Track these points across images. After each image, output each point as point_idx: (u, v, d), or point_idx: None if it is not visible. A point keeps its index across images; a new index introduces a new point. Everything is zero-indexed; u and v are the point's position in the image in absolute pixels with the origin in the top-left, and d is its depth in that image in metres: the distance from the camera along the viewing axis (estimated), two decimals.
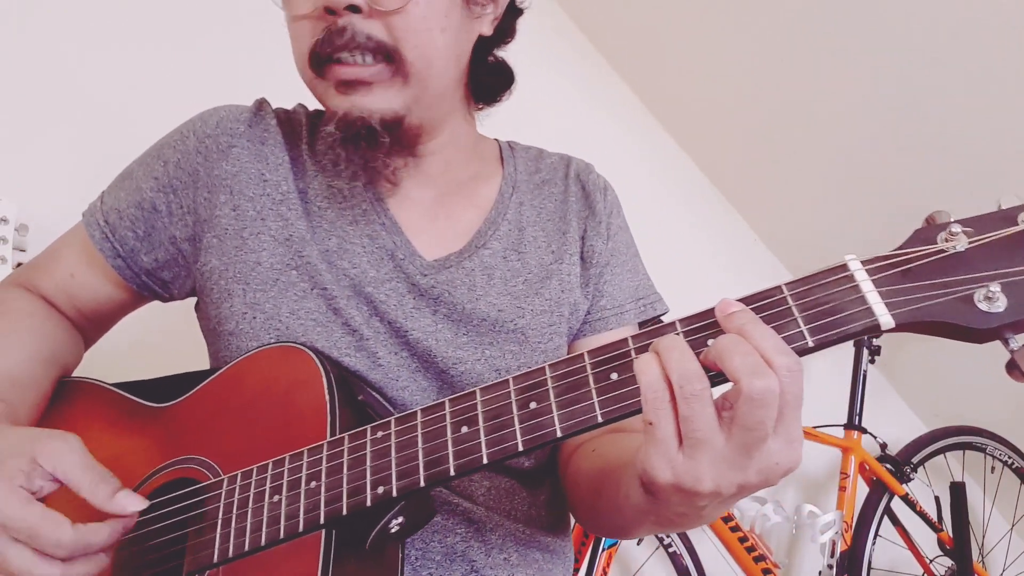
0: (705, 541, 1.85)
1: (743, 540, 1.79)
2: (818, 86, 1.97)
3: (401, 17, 0.71)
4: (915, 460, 2.15)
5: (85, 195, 0.87)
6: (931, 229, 0.51)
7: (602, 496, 0.71)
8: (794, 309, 0.51)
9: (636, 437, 0.75)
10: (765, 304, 0.52)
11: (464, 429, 0.59)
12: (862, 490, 2.06)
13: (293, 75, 0.78)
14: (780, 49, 1.96)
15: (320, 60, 0.72)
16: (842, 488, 2.02)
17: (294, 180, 0.82)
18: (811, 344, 0.50)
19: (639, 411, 0.54)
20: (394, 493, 0.60)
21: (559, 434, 0.56)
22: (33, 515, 0.58)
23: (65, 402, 0.80)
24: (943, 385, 2.38)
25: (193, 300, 0.88)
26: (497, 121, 0.93)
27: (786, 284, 0.52)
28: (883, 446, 2.14)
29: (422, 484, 0.59)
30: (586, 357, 0.57)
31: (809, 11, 1.84)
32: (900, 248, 0.51)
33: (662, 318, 0.89)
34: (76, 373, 0.85)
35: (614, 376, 0.55)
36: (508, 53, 0.90)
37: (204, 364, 0.86)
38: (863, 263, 0.50)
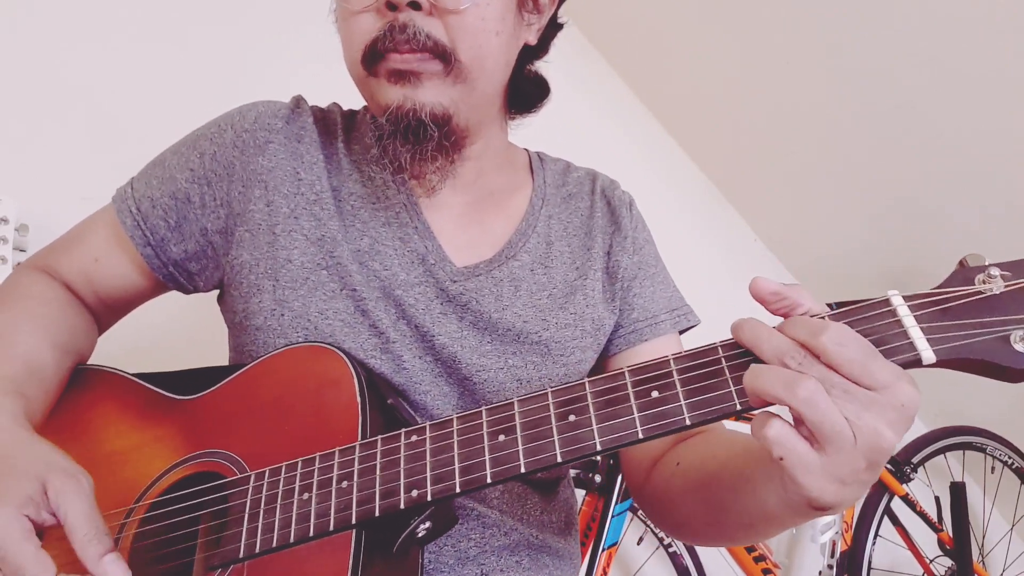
0: None
1: None
2: (818, 86, 1.99)
3: (461, 17, 0.72)
4: (915, 460, 2.16)
5: (85, 195, 0.86)
6: (968, 271, 0.54)
7: (727, 508, 0.67)
8: None
9: (707, 436, 0.76)
10: None
11: (501, 437, 0.60)
12: None
13: (293, 74, 0.77)
14: (780, 49, 1.97)
15: (376, 57, 0.72)
16: None
17: (328, 179, 0.83)
18: None
19: (680, 428, 0.56)
20: (429, 497, 0.60)
21: (599, 447, 0.57)
22: (26, 553, 0.56)
23: (83, 390, 0.80)
24: (943, 385, 2.40)
25: (212, 293, 0.88)
26: None
27: (829, 315, 0.54)
28: None
29: (458, 489, 0.60)
30: (627, 375, 0.58)
31: (809, 11, 1.85)
32: (939, 287, 0.53)
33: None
34: (94, 360, 0.85)
35: (655, 394, 0.57)
36: None
37: (212, 356, 0.86)
38: (905, 298, 0.53)
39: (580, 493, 1.77)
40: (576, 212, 0.91)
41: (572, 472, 1.68)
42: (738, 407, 0.54)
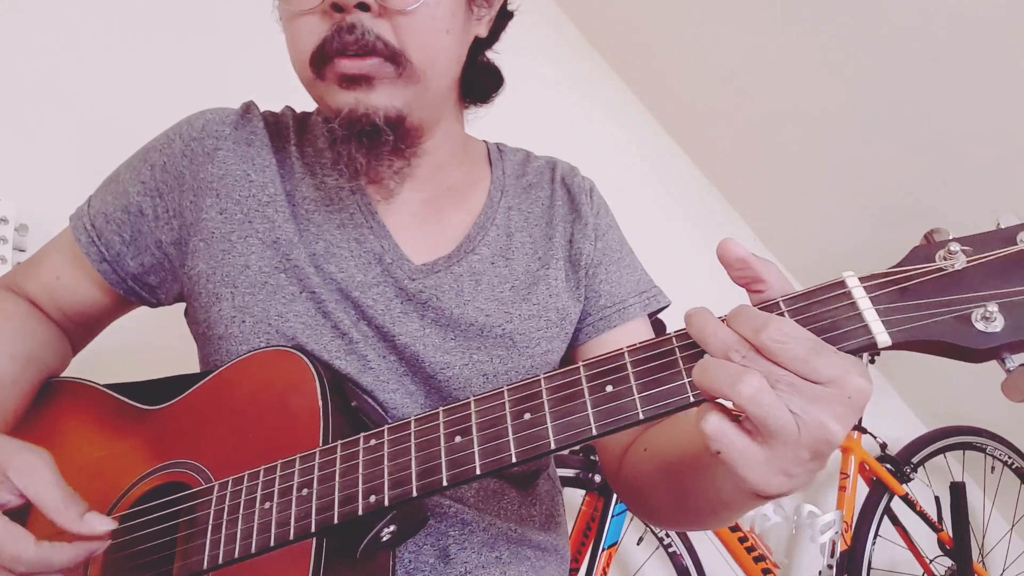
0: (705, 541, 1.86)
1: (743, 540, 1.80)
2: (817, 86, 1.97)
3: (410, 18, 0.70)
4: (915, 460, 2.16)
5: (85, 195, 0.86)
6: (930, 247, 0.51)
7: (689, 493, 0.67)
8: None
9: (674, 421, 0.73)
10: None
11: (458, 439, 0.59)
12: (862, 490, 2.07)
13: (292, 76, 0.77)
14: (779, 49, 1.96)
15: (324, 58, 0.71)
16: (842, 488, 2.03)
17: (281, 182, 0.82)
18: None
19: (634, 424, 0.54)
20: (386, 502, 0.59)
21: (553, 446, 0.55)
22: None
23: (54, 402, 0.80)
24: (943, 385, 2.38)
25: (182, 305, 0.88)
26: (495, 121, 0.93)
27: (783, 299, 0.52)
28: (883, 446, 2.15)
29: (415, 493, 0.59)
30: (581, 369, 0.57)
31: (808, 11, 1.83)
32: (898, 265, 0.51)
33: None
34: (67, 374, 0.85)
35: (609, 388, 0.55)
36: (507, 53, 0.89)
37: (193, 364, 0.86)
38: (861, 280, 0.50)
39: (580, 493, 1.76)
40: (536, 202, 0.89)
41: (572, 472, 1.68)
42: (691, 400, 0.52)
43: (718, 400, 0.49)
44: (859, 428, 2.10)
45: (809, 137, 2.11)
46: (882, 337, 0.48)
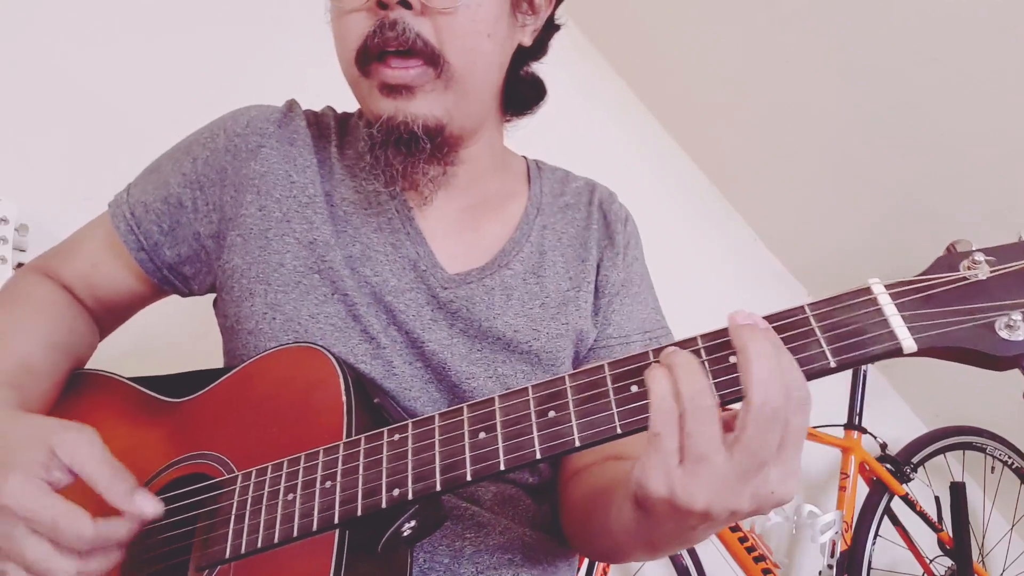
0: (705, 541, 1.85)
1: (743, 540, 1.80)
2: (817, 86, 1.97)
3: (451, 19, 0.71)
4: (915, 460, 2.16)
5: (85, 195, 0.87)
6: (953, 257, 0.52)
7: (592, 517, 0.72)
8: (817, 330, 0.52)
9: (631, 463, 0.77)
10: (788, 323, 0.53)
11: (482, 435, 0.60)
12: (862, 490, 2.07)
13: (298, 76, 0.77)
14: (780, 48, 1.96)
15: (368, 56, 0.72)
16: (842, 488, 2.03)
17: (321, 183, 0.83)
18: (833, 364, 0.50)
19: None
20: (410, 496, 0.60)
21: (577, 443, 0.56)
22: (55, 507, 0.57)
23: (78, 393, 0.81)
24: (943, 385, 2.39)
25: (212, 296, 0.88)
26: None
27: (808, 304, 0.53)
28: (883, 446, 2.16)
29: (438, 488, 0.60)
30: (606, 368, 0.57)
31: (809, 10, 1.84)
32: (923, 274, 0.52)
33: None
34: (90, 365, 0.85)
35: (634, 388, 0.56)
36: None
37: (217, 361, 0.87)
38: (886, 287, 0.51)
39: None
40: (572, 223, 0.90)
41: None
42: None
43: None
44: (859, 428, 2.11)
45: (810, 137, 2.11)
46: (908, 343, 0.49)
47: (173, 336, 1.31)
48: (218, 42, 1.64)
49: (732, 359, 0.52)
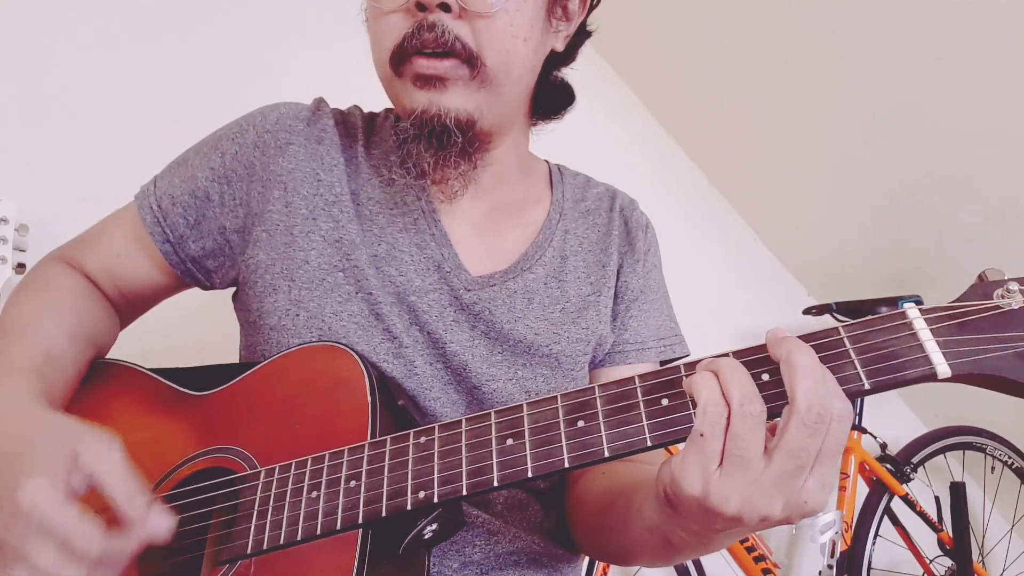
0: None
1: (743, 540, 1.80)
2: (818, 86, 1.98)
3: (489, 22, 0.72)
4: (915, 460, 2.16)
5: (85, 195, 0.87)
6: (986, 285, 0.53)
7: (610, 513, 0.72)
8: (851, 351, 0.52)
9: (647, 467, 0.77)
10: (822, 344, 0.53)
11: (509, 441, 0.60)
12: (862, 490, 2.07)
13: (296, 76, 0.78)
14: (781, 48, 1.97)
15: (404, 57, 0.73)
16: (842, 488, 2.04)
17: (348, 182, 0.83)
18: (867, 386, 0.51)
19: (686, 438, 0.55)
20: (436, 499, 0.60)
21: (607, 454, 0.57)
22: (71, 518, 0.56)
23: (100, 383, 0.81)
24: (943, 385, 2.37)
25: (230, 290, 0.89)
26: None
27: (843, 326, 0.53)
28: (883, 446, 2.16)
29: (464, 492, 0.60)
30: (636, 381, 0.58)
31: (809, 11, 1.84)
32: (956, 301, 0.52)
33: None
34: (110, 356, 0.86)
35: (665, 401, 0.57)
36: None
37: (227, 356, 0.87)
38: (921, 311, 0.52)
39: None
40: (593, 228, 0.91)
41: None
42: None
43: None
44: (859, 428, 2.11)
45: (810, 137, 2.11)
46: (942, 368, 0.49)
47: (187, 329, 1.31)
48: (218, 42, 1.64)
49: (765, 376, 0.53)
